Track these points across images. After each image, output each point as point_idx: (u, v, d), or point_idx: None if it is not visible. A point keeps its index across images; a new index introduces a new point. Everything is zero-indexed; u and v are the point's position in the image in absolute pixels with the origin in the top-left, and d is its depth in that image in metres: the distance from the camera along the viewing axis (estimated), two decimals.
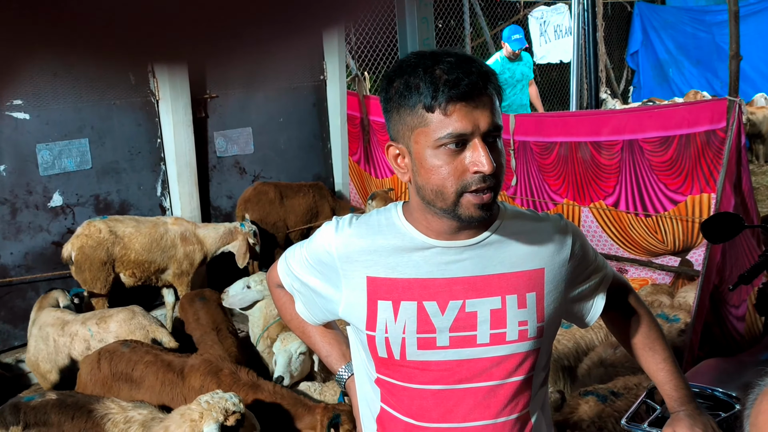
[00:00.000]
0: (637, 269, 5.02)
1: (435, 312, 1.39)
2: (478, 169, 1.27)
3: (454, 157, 1.29)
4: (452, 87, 1.26)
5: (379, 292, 1.41)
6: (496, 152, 1.31)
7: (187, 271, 5.02)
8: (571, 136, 4.79)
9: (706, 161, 4.20)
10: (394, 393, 1.47)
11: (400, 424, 1.47)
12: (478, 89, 1.27)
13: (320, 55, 6.52)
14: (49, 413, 2.97)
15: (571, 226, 1.51)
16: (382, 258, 1.41)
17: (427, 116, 1.29)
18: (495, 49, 9.24)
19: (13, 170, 4.82)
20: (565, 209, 4.98)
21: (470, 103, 1.27)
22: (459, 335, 1.39)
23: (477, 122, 1.27)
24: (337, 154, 6.79)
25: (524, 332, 1.41)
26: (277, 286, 1.71)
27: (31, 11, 0.32)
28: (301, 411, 3.09)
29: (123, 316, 3.94)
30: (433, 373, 1.41)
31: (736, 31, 3.64)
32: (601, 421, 2.75)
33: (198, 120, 5.68)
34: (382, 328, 1.41)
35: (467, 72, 1.27)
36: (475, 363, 1.40)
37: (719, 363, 2.58)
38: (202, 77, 5.45)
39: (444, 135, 1.28)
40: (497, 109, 1.31)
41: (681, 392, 1.62)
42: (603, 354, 3.67)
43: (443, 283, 1.39)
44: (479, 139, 1.27)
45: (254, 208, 5.78)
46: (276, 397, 3.13)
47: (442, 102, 1.27)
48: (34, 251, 4.97)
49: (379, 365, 1.47)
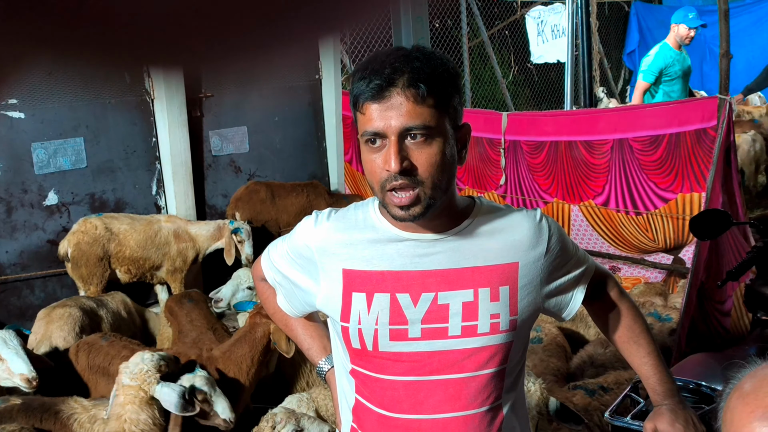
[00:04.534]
0: (630, 267, 5.04)
1: (407, 304, 1.40)
2: (386, 167, 1.30)
3: (374, 154, 1.33)
4: (366, 87, 1.30)
5: (354, 284, 1.44)
6: (422, 151, 1.31)
7: (181, 268, 5.06)
8: (561, 135, 4.81)
9: (697, 160, 4.22)
10: (368, 384, 1.48)
11: (373, 415, 1.49)
12: (387, 90, 1.28)
13: (315, 54, 6.54)
14: (15, 418, 2.99)
15: (548, 220, 1.52)
16: (358, 251, 1.44)
17: (356, 113, 1.36)
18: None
19: (8, 169, 4.84)
20: (555, 208, 4.99)
21: (382, 103, 1.29)
22: (431, 327, 1.41)
23: (388, 121, 1.29)
24: (333, 153, 6.81)
25: (496, 325, 1.41)
26: (261, 280, 1.74)
27: (32, 13, 0.33)
28: (250, 336, 3.31)
29: None
30: (404, 364, 1.42)
31: (726, 30, 3.67)
32: (587, 414, 2.77)
33: (193, 119, 5.71)
34: (356, 319, 1.43)
35: (380, 72, 1.29)
36: (447, 355, 1.41)
37: (705, 358, 2.60)
38: (197, 77, 5.47)
39: (362, 133, 1.33)
40: (418, 109, 1.29)
41: (665, 386, 1.62)
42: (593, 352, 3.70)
43: (416, 275, 1.41)
44: (394, 138, 1.29)
45: (245, 207, 5.79)
46: (227, 354, 3.32)
47: (360, 102, 1.32)
48: (30, 250, 4.99)
49: (353, 356, 1.49)
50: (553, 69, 10.33)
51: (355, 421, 1.55)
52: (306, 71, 6.58)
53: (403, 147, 1.31)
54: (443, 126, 1.33)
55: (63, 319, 3.90)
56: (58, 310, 3.98)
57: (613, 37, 11.95)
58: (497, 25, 9.65)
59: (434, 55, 1.34)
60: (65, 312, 3.95)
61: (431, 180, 1.32)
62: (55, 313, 3.95)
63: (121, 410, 2.78)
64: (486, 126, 5.20)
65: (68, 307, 4.01)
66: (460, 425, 1.44)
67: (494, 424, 1.47)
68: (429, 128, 1.30)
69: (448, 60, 1.37)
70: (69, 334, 3.83)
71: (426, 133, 1.30)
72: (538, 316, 1.64)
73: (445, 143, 1.33)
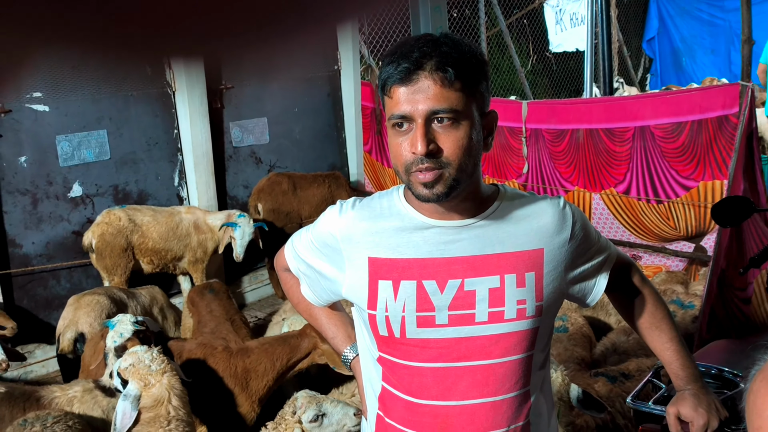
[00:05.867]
0: (651, 256, 5.02)
1: (434, 291, 1.42)
2: (412, 150, 1.32)
3: (401, 137, 1.35)
4: (394, 71, 1.32)
5: (380, 272, 1.45)
6: (449, 134, 1.33)
7: (202, 258, 5.12)
8: (583, 123, 4.79)
9: (719, 147, 4.19)
10: (395, 371, 1.50)
11: (400, 402, 1.50)
12: (415, 73, 1.30)
13: (334, 45, 6.56)
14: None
15: (571, 207, 1.53)
16: (384, 239, 1.45)
17: (384, 98, 1.38)
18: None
19: (33, 161, 4.91)
20: (576, 197, 4.98)
21: (410, 87, 1.31)
22: (457, 313, 1.42)
23: (416, 105, 1.31)
24: (352, 144, 6.83)
25: (522, 311, 1.42)
26: (285, 270, 1.77)
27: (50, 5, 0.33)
28: (295, 342, 3.35)
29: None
30: (432, 350, 1.44)
31: (748, 16, 3.64)
32: (608, 401, 2.78)
33: (214, 110, 5.75)
34: (383, 306, 1.44)
35: (408, 56, 1.31)
36: (474, 341, 1.42)
37: (728, 344, 2.60)
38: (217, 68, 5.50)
39: (390, 116, 1.35)
40: (445, 93, 1.30)
41: (687, 371, 1.63)
42: (616, 340, 3.70)
43: (442, 262, 1.42)
44: (421, 121, 1.31)
45: (267, 198, 5.82)
46: (266, 347, 3.36)
47: (388, 85, 1.34)
48: (55, 241, 5.07)
49: (381, 344, 1.50)
50: (572, 58, 10.26)
51: (381, 408, 1.56)
52: (325, 62, 6.60)
53: (430, 130, 1.32)
54: (470, 110, 1.34)
55: (90, 306, 3.99)
56: (88, 297, 4.07)
57: (633, 24, 11.83)
58: (515, 14, 9.59)
59: (462, 42, 1.35)
60: (93, 299, 4.03)
61: (457, 162, 1.33)
62: (84, 300, 4.04)
63: (162, 392, 2.77)
64: (506, 115, 5.19)
65: (97, 295, 4.09)
66: (488, 411, 1.45)
67: (522, 410, 1.48)
68: (456, 112, 1.31)
69: (476, 47, 1.38)
70: (95, 321, 3.92)
71: (453, 116, 1.32)
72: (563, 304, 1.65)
73: (471, 128, 1.34)
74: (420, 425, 1.48)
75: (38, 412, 2.92)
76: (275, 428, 2.66)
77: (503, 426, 1.46)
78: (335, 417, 2.68)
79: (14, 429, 2.76)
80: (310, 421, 2.65)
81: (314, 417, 2.66)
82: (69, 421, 2.87)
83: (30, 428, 2.73)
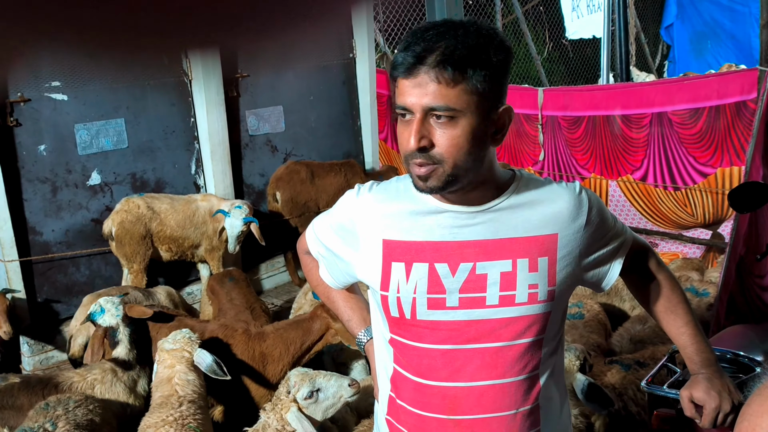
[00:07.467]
0: (668, 243, 5.00)
1: (446, 273, 1.43)
2: (407, 143, 1.33)
3: (404, 128, 1.35)
4: (401, 61, 1.32)
5: (394, 254, 1.47)
6: (444, 131, 1.32)
7: (218, 246, 5.16)
8: (600, 110, 4.76)
9: (737, 133, 4.15)
10: (405, 352, 1.51)
11: (410, 384, 1.52)
12: (416, 67, 1.29)
13: (349, 33, 6.55)
14: (17, 396, 3.10)
15: (587, 192, 1.52)
16: (398, 222, 1.47)
17: (393, 87, 1.38)
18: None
19: (53, 150, 4.96)
20: (593, 184, 4.97)
21: (411, 80, 1.31)
22: (468, 296, 1.43)
23: (417, 99, 1.31)
24: (367, 131, 6.84)
25: (534, 295, 1.43)
26: (306, 253, 1.79)
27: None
28: (307, 325, 3.39)
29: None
30: (442, 332, 1.45)
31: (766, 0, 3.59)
32: (621, 388, 2.79)
33: (230, 99, 5.78)
34: (395, 288, 1.46)
35: (414, 47, 1.29)
36: (484, 324, 1.44)
37: (744, 329, 2.59)
38: (233, 57, 5.52)
39: (396, 105, 1.36)
40: (444, 90, 1.29)
41: (702, 355, 1.62)
42: (631, 329, 3.70)
43: (455, 245, 1.43)
44: (419, 115, 1.31)
45: (285, 186, 5.85)
46: (281, 332, 3.41)
47: (394, 76, 1.35)
48: (74, 228, 5.12)
49: (392, 325, 1.52)
50: (589, 45, 10.17)
51: (393, 390, 1.58)
52: (340, 50, 6.60)
53: (426, 125, 1.32)
54: (472, 108, 1.31)
55: None
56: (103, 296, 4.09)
57: (650, 10, 11.68)
58: (531, 1, 9.53)
59: (482, 32, 1.32)
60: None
61: (452, 160, 1.33)
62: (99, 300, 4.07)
63: (170, 372, 2.89)
64: (522, 102, 5.18)
65: (112, 296, 4.11)
66: (497, 393, 1.46)
67: (531, 394, 1.49)
68: (453, 110, 1.30)
69: (498, 38, 1.33)
70: None
71: (450, 114, 1.30)
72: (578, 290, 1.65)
73: (472, 125, 1.32)
74: (429, 406, 1.50)
75: (59, 396, 2.97)
76: (272, 409, 2.67)
77: (511, 408, 1.47)
78: (330, 390, 2.68)
79: (37, 412, 2.81)
80: (305, 398, 2.66)
81: (309, 393, 2.66)
82: (90, 405, 2.92)
83: (53, 412, 2.78)
